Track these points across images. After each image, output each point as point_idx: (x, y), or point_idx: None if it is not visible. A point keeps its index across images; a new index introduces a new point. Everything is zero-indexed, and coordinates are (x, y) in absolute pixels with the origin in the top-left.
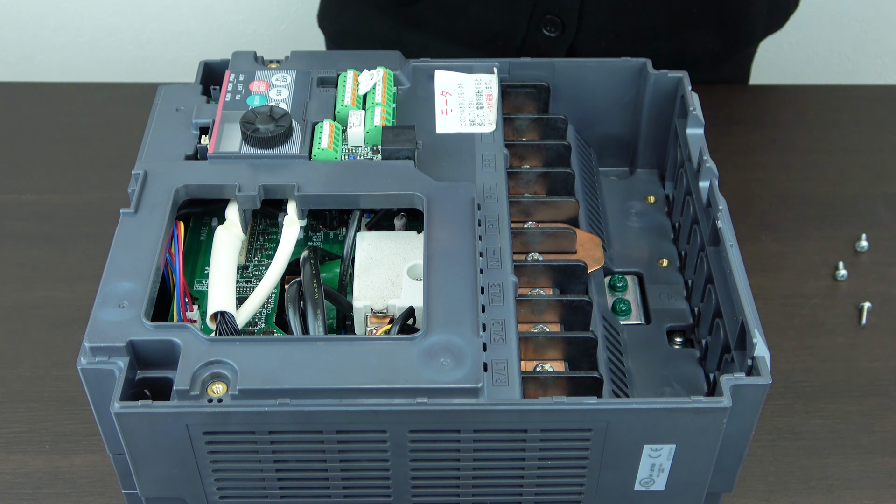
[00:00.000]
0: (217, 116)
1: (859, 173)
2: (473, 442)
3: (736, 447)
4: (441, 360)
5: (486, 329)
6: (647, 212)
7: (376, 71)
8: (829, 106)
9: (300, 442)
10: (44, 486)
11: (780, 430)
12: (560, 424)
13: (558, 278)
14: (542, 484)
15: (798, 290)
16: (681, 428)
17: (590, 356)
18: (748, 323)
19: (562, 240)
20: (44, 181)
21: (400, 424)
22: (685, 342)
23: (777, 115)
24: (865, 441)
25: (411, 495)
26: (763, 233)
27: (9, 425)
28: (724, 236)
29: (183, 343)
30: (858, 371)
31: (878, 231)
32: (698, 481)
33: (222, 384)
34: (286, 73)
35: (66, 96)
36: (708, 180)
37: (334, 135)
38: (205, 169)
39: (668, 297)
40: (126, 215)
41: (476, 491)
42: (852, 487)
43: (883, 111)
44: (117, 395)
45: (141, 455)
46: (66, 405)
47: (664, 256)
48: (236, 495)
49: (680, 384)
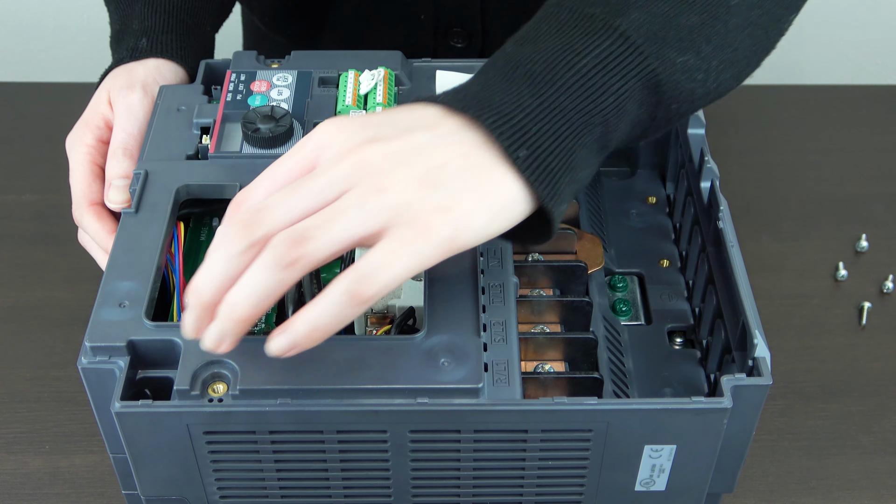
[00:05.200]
0: (218, 116)
1: (859, 173)
2: (474, 442)
3: (736, 448)
4: (441, 361)
5: (487, 329)
6: (648, 212)
7: (377, 71)
8: (829, 106)
9: (300, 442)
10: (44, 487)
11: (780, 430)
12: (560, 425)
13: (559, 278)
14: (543, 484)
15: (798, 290)
16: (681, 428)
17: (590, 356)
18: (749, 323)
19: (562, 240)
20: (44, 181)
21: (400, 424)
22: (686, 343)
23: (777, 115)
24: (865, 441)
25: (411, 495)
26: (763, 233)
27: (9, 425)
28: (726, 237)
29: (183, 343)
30: (858, 371)
31: (878, 231)
32: (699, 482)
33: (223, 384)
34: (287, 73)
35: (66, 96)
36: (709, 181)
37: None
38: (206, 169)
39: (668, 298)
40: (127, 215)
41: (476, 491)
42: (852, 487)
43: (883, 111)
44: (118, 394)
45: (141, 455)
46: (66, 405)
47: (665, 257)
48: (237, 495)
49: (680, 385)
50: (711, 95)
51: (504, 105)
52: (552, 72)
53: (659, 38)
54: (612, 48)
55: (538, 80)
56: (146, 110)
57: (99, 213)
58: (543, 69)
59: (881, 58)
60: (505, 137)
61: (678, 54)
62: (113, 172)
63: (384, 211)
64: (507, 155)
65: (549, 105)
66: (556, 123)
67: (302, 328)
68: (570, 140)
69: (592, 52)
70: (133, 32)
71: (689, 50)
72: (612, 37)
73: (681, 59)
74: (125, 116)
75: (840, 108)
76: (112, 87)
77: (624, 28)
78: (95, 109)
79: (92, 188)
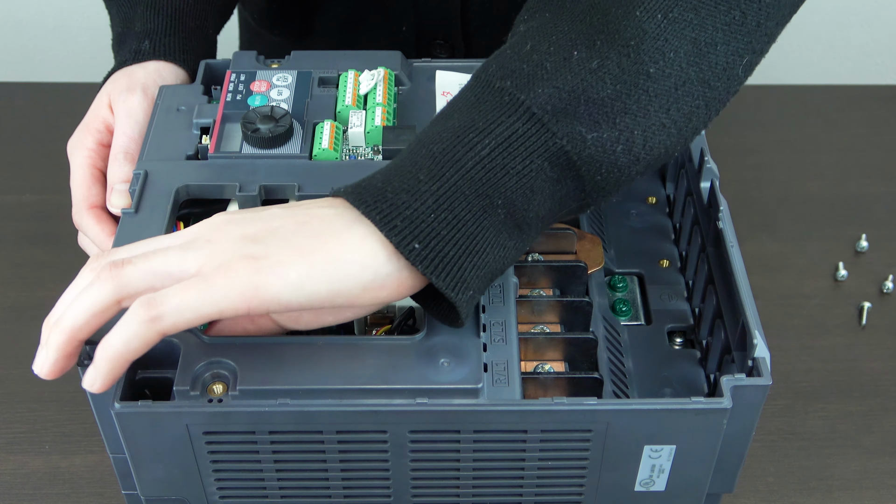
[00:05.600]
0: (218, 116)
1: (859, 173)
2: (473, 442)
3: (736, 448)
4: (441, 361)
5: (487, 329)
6: (648, 212)
7: (377, 71)
8: (828, 106)
9: (300, 442)
10: (44, 487)
11: (780, 430)
12: (560, 425)
13: (558, 279)
14: (543, 484)
15: (798, 290)
16: (681, 429)
17: (590, 357)
18: (749, 324)
19: (562, 240)
20: (44, 181)
21: (400, 424)
22: (686, 343)
23: (777, 115)
24: (865, 441)
25: (411, 495)
26: (763, 233)
27: (9, 425)
28: (726, 237)
29: (183, 343)
30: (858, 371)
31: (878, 231)
32: (698, 482)
33: (222, 384)
34: (287, 73)
35: (66, 96)
36: (709, 181)
37: (335, 135)
38: (205, 169)
39: (668, 298)
40: (127, 215)
41: (476, 491)
42: (852, 488)
43: (883, 111)
44: (118, 394)
45: (141, 455)
46: (66, 405)
47: (665, 257)
48: (236, 495)
49: (680, 385)
50: (644, 162)
51: (399, 195)
52: (453, 153)
53: (567, 114)
54: (515, 126)
55: (440, 161)
56: (147, 113)
57: (99, 216)
58: (445, 150)
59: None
60: (395, 233)
61: (588, 129)
62: (114, 176)
63: (201, 256)
64: (400, 251)
65: (448, 190)
66: (456, 209)
67: (101, 355)
68: (471, 225)
69: (496, 131)
70: (135, 35)
71: (601, 124)
72: (516, 113)
73: (592, 135)
74: (126, 120)
75: (840, 108)
76: (113, 91)
77: (529, 104)
78: (96, 113)
79: (92, 191)
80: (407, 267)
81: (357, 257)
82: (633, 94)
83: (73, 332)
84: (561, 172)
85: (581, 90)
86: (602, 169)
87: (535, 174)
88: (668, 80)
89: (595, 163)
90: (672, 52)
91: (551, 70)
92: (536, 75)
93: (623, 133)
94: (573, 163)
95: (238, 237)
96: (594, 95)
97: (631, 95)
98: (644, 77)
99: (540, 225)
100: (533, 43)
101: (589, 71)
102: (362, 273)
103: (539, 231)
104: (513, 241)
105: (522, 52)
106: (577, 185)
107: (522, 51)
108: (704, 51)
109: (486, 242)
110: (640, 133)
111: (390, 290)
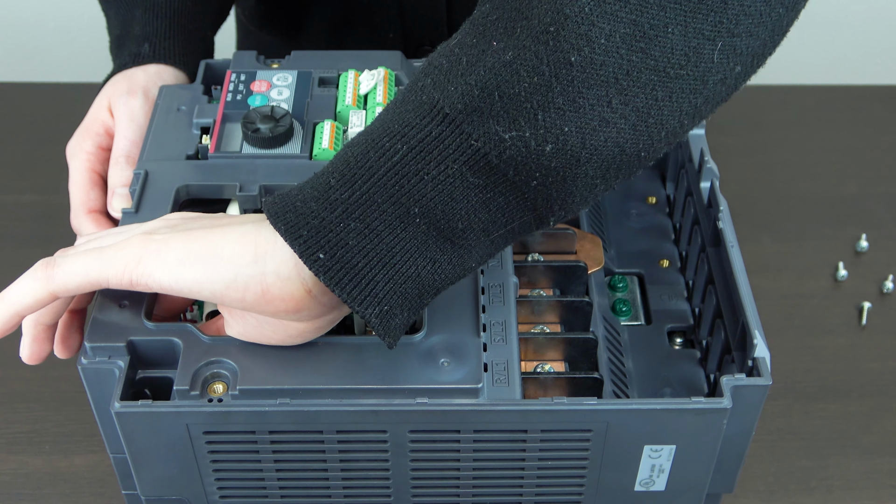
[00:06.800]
0: (218, 116)
1: (859, 173)
2: (473, 442)
3: (736, 448)
4: (441, 361)
5: (487, 329)
6: (648, 212)
7: (377, 71)
8: (829, 106)
9: (300, 442)
10: (44, 487)
11: (780, 430)
12: (560, 425)
13: (558, 279)
14: (543, 484)
15: (798, 290)
16: (681, 429)
17: (590, 357)
18: (748, 324)
19: (562, 240)
20: (44, 181)
21: (400, 424)
22: (685, 343)
23: (777, 115)
24: (865, 441)
25: (411, 495)
26: (763, 233)
27: (9, 425)
28: (726, 237)
29: (183, 343)
30: (858, 371)
31: (878, 231)
32: (698, 482)
33: (222, 384)
34: (287, 73)
35: (66, 96)
36: (709, 181)
37: (335, 135)
38: (206, 169)
39: (668, 298)
40: (127, 215)
41: (476, 491)
42: (852, 488)
43: (883, 111)
44: (118, 394)
45: (141, 455)
46: (66, 405)
47: (665, 257)
48: (236, 495)
49: (680, 385)
50: (592, 164)
51: (307, 203)
52: (365, 158)
53: (481, 113)
54: (429, 128)
55: (352, 167)
56: (148, 116)
57: (97, 220)
58: (358, 155)
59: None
60: (300, 243)
61: (506, 129)
62: (116, 180)
63: (117, 237)
64: (304, 261)
65: (360, 198)
66: (367, 218)
67: (1, 307)
68: (385, 235)
69: (409, 134)
70: (135, 38)
71: (520, 121)
72: (430, 114)
73: (510, 135)
74: (127, 123)
75: (840, 108)
76: (113, 94)
77: (442, 104)
78: (95, 116)
79: (90, 196)
80: (308, 278)
81: (227, 253)
82: (553, 86)
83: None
84: (486, 178)
85: (494, 85)
86: (534, 173)
87: (453, 180)
88: (601, 70)
89: (521, 166)
90: (603, 37)
91: (466, 65)
92: (453, 71)
93: (550, 131)
94: (494, 166)
95: (159, 226)
96: (509, 90)
97: (552, 88)
98: (566, 67)
99: (482, 239)
100: (461, 36)
101: (503, 64)
102: (225, 270)
103: (485, 246)
104: (446, 256)
105: (448, 47)
106: (514, 193)
107: (449, 45)
108: (651, 34)
109: (406, 255)
110: (573, 130)
111: (257, 294)
